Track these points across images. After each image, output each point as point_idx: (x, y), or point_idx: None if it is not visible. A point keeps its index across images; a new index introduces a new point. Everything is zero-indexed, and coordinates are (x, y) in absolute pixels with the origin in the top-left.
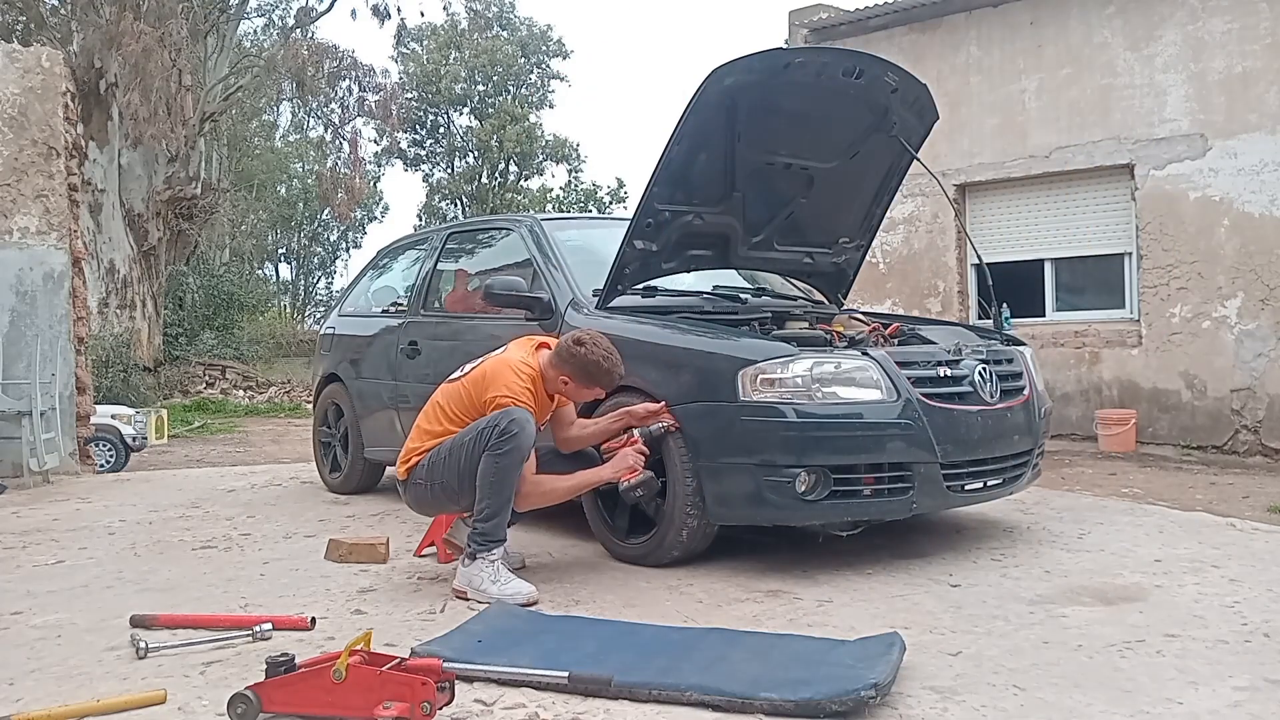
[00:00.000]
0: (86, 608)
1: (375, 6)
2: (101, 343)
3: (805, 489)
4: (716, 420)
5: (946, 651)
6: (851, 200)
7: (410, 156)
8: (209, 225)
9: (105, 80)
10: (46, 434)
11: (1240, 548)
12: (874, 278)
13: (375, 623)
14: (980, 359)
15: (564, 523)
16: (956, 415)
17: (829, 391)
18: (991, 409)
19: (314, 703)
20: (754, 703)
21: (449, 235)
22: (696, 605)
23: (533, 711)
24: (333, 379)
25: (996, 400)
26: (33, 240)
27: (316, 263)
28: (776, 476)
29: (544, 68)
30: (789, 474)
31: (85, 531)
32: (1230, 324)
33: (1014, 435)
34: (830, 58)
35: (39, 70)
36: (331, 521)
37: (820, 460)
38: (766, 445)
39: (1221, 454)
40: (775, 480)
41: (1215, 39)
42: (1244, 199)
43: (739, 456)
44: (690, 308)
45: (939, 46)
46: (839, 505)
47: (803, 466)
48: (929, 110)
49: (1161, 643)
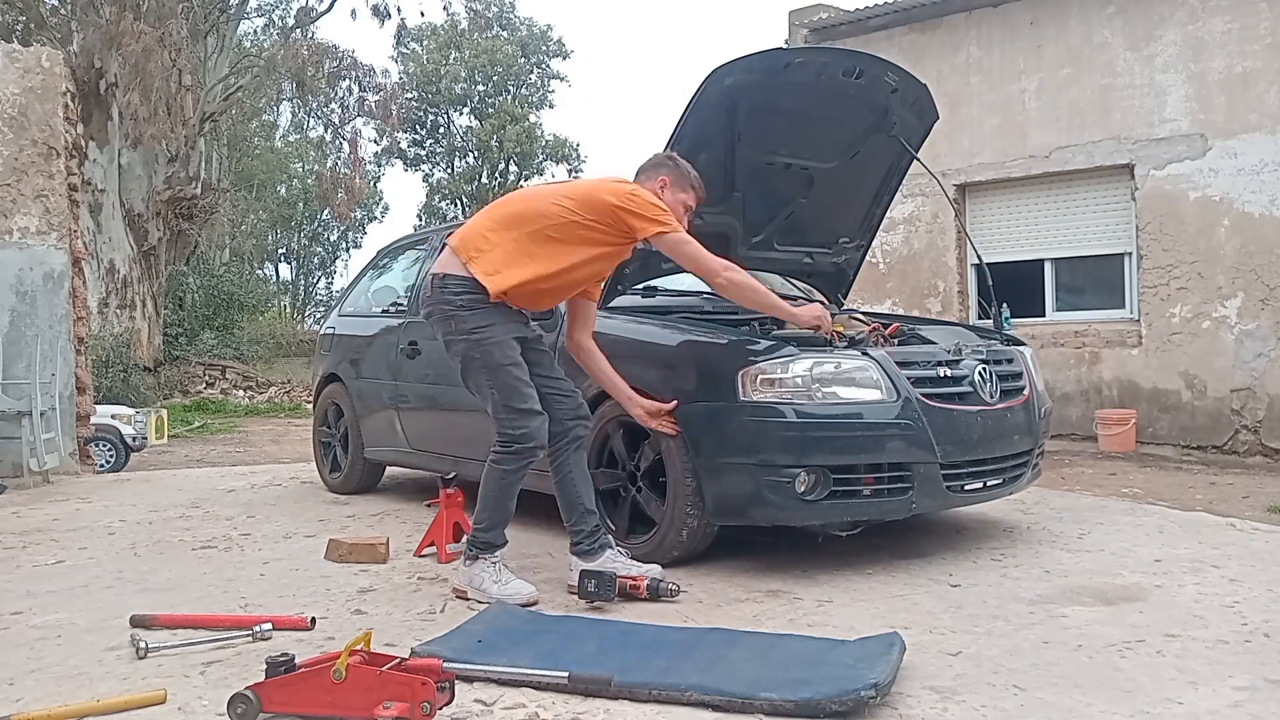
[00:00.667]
0: (86, 608)
1: (375, 6)
2: (101, 343)
3: (805, 489)
4: (716, 420)
5: (946, 651)
6: (851, 200)
7: (410, 156)
8: (209, 225)
9: (105, 80)
10: (46, 434)
11: (1240, 548)
12: (874, 278)
13: (375, 623)
14: (980, 359)
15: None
16: (956, 415)
17: (829, 391)
18: (991, 409)
19: (314, 703)
20: (754, 703)
21: (449, 235)
22: (696, 605)
23: (533, 711)
24: (333, 379)
25: (996, 400)
26: (33, 240)
27: (316, 263)
28: (776, 476)
29: (544, 68)
30: (788, 474)
31: (85, 531)
32: (1230, 324)
33: (1014, 435)
34: (830, 58)
35: (39, 70)
36: (331, 521)
37: (820, 460)
38: (766, 445)
39: (1221, 454)
40: (775, 480)
41: (1215, 39)
42: (1244, 199)
43: (738, 457)
44: (690, 308)
45: (939, 46)
46: (839, 505)
47: (802, 466)
48: (929, 110)
49: (1161, 643)
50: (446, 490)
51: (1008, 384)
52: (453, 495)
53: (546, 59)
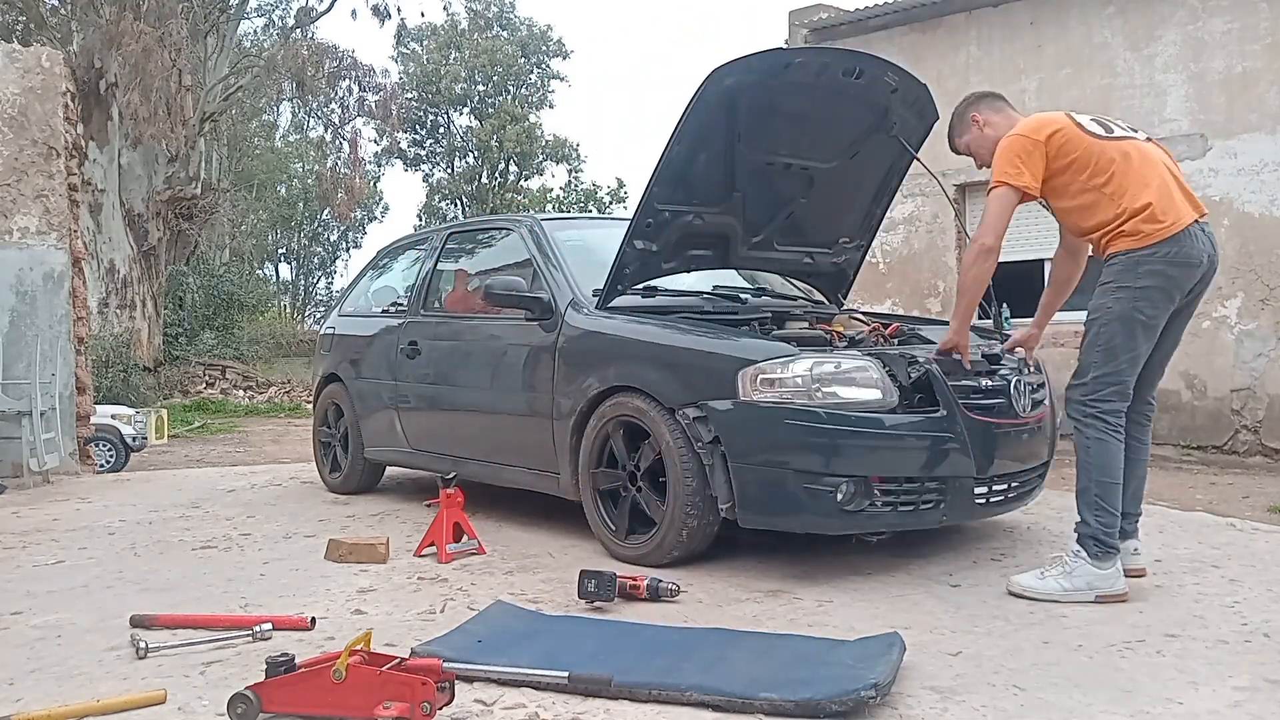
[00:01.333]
0: (86, 608)
1: (375, 6)
2: (101, 343)
3: (844, 499)
4: (756, 424)
5: (946, 651)
6: (851, 200)
7: (410, 156)
8: (209, 225)
9: (105, 80)
10: (46, 434)
11: (1240, 548)
12: (874, 278)
13: (375, 623)
14: (1014, 369)
15: (564, 523)
16: (992, 428)
17: (829, 391)
18: (1023, 422)
19: (314, 703)
20: (754, 703)
21: (449, 235)
22: (696, 605)
23: (533, 711)
24: (333, 379)
25: (1028, 412)
26: (33, 240)
27: (316, 263)
28: (817, 485)
29: (544, 68)
30: (830, 483)
31: (85, 531)
32: (1230, 324)
33: (1038, 447)
34: (830, 58)
35: (39, 70)
36: (331, 521)
37: (864, 471)
38: (805, 451)
39: (1221, 454)
40: (815, 489)
41: (1215, 39)
42: (1244, 199)
43: (776, 459)
44: (690, 308)
45: (939, 46)
46: (875, 517)
47: (847, 477)
48: (929, 110)
49: (1161, 643)
50: (446, 490)
51: (1035, 395)
52: (453, 495)
53: (546, 59)
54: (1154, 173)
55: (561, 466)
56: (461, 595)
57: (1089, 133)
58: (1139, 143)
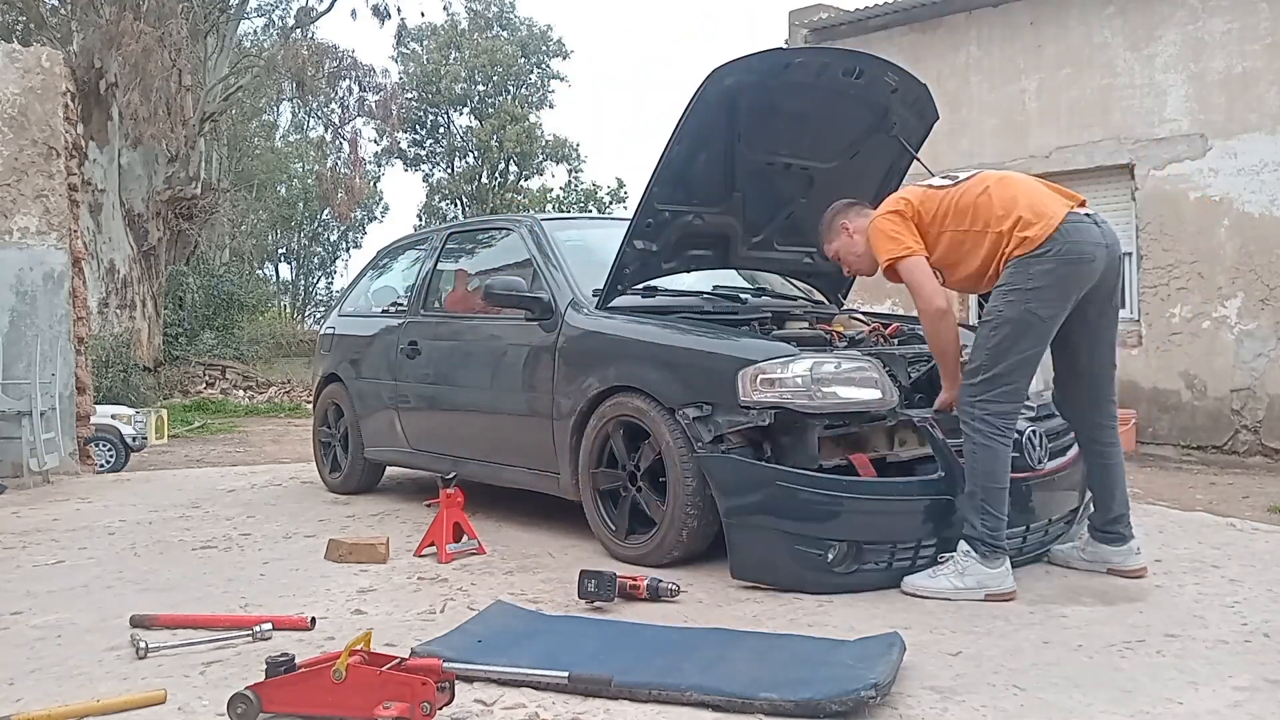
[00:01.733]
0: (86, 608)
1: (375, 6)
2: (101, 343)
3: (834, 559)
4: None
5: (946, 651)
6: None
7: (410, 156)
8: (209, 225)
9: (105, 80)
10: (46, 434)
11: (1240, 548)
12: (874, 278)
13: (375, 623)
14: (1031, 418)
15: (564, 523)
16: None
17: (829, 391)
18: (1038, 475)
19: (314, 703)
20: (754, 703)
21: (449, 235)
22: (696, 605)
23: (533, 711)
24: (333, 379)
25: (1044, 464)
26: (33, 240)
27: (316, 263)
28: (812, 549)
29: (544, 68)
30: (823, 545)
31: (85, 531)
32: (1230, 324)
33: (1059, 497)
34: (830, 58)
35: (39, 70)
36: (331, 521)
37: (856, 535)
38: (809, 518)
39: (1221, 454)
40: (807, 551)
41: (1215, 39)
42: (1244, 199)
43: (772, 522)
44: (690, 308)
45: (939, 46)
46: (869, 576)
47: (840, 541)
48: (929, 110)
49: (1161, 643)
50: (446, 490)
51: (1056, 443)
52: (453, 495)
53: (546, 59)
54: (1015, 190)
55: (561, 466)
56: (461, 595)
57: (939, 188)
58: (988, 173)
